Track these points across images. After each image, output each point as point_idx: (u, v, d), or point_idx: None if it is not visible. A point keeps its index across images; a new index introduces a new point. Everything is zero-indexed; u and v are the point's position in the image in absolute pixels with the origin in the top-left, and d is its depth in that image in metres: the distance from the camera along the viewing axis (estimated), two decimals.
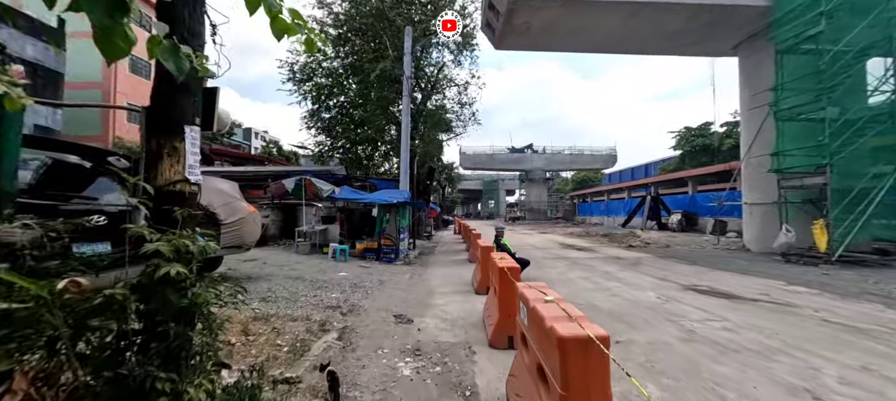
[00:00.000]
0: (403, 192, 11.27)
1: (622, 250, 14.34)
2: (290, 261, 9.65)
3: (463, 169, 49.83)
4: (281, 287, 6.56)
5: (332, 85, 17.78)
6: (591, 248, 15.33)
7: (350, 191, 11.36)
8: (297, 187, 10.93)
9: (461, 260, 11.51)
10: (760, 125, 12.37)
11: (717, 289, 7.14)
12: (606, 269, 9.64)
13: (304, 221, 10.98)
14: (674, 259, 11.55)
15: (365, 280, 7.62)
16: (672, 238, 18.38)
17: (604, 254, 13.06)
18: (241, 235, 6.66)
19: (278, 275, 7.76)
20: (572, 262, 11.00)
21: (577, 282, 7.85)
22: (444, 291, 6.92)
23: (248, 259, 9.59)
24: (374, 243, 10.53)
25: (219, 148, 30.47)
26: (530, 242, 18.68)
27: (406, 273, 8.76)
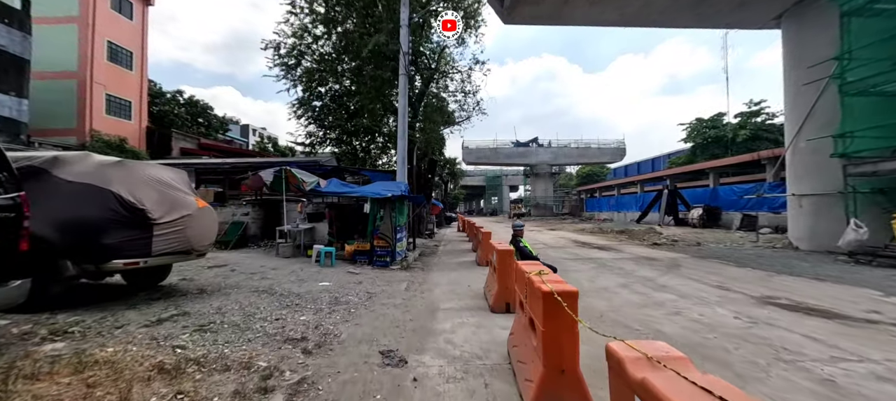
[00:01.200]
0: (400, 184, 9.68)
1: (648, 249, 12.72)
2: (265, 267, 8.09)
3: (466, 164, 48.17)
4: (237, 306, 4.99)
5: (324, 70, 16.15)
6: (612, 246, 13.71)
7: (339, 184, 9.79)
8: (276, 180, 9.36)
9: (468, 262, 9.94)
10: (813, 104, 10.69)
11: (804, 303, 5.52)
12: (643, 273, 8.04)
13: (286, 218, 9.41)
14: (715, 260, 9.93)
15: (350, 293, 6.05)
16: (699, 235, 16.71)
17: (630, 253, 11.45)
18: (185, 237, 5.10)
19: (243, 287, 6.20)
20: (598, 264, 9.39)
21: (617, 292, 6.25)
22: (450, 307, 5.34)
23: (214, 265, 8.05)
24: (366, 245, 8.97)
25: (208, 142, 29.05)
26: (541, 239, 17.07)
27: (403, 281, 7.19)
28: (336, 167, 11.48)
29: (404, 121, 10.56)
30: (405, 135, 10.68)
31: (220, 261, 8.67)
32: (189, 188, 5.68)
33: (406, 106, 10.76)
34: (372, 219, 9.15)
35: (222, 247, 10.62)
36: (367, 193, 8.95)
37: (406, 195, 9.52)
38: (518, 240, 6.53)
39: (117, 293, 5.55)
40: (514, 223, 6.85)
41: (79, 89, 20.04)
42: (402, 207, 10.05)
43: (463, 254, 11.95)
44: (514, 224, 6.82)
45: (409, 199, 10.34)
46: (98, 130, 19.82)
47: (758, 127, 30.92)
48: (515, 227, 6.76)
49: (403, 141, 10.63)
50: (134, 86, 22.79)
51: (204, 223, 5.45)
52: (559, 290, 2.48)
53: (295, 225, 10.20)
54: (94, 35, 20.35)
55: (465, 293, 6.30)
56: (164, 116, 31.19)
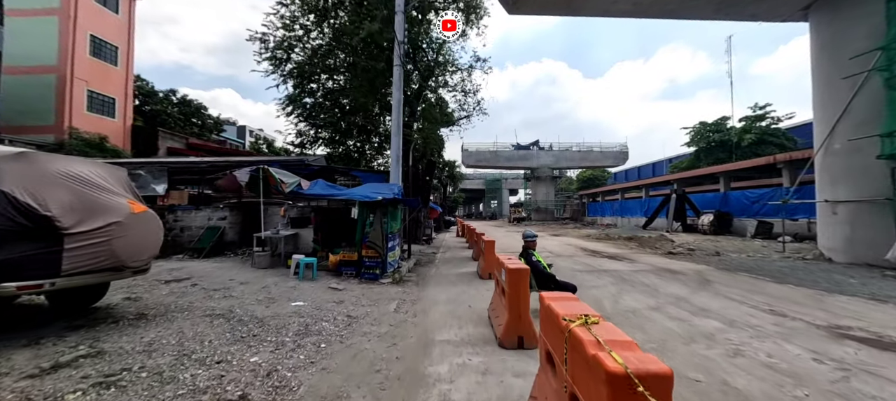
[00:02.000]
0: (393, 186, 8.62)
1: (665, 259, 11.65)
2: (234, 281, 6.99)
3: (465, 167, 47.16)
4: (176, 340, 3.91)
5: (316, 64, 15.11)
6: (624, 255, 12.64)
7: (325, 185, 8.70)
8: (253, 180, 8.28)
9: (469, 274, 8.86)
10: (849, 101, 9.68)
11: (887, 335, 4.45)
12: (671, 289, 6.96)
13: (262, 223, 8.32)
14: (745, 273, 8.86)
15: (326, 317, 4.96)
16: (714, 242, 15.66)
17: (647, 264, 10.38)
18: (111, 250, 4.01)
19: (196, 309, 5.10)
20: (616, 278, 8.31)
21: (650, 317, 5.17)
22: (447, 339, 4.26)
23: (174, 279, 6.95)
24: (354, 254, 7.88)
25: (198, 142, 27.95)
26: (547, 246, 16.00)
27: (393, 300, 6.10)
28: (324, 167, 10.42)
29: (399, 115, 9.52)
30: (400, 132, 9.63)
31: (184, 272, 7.58)
32: (124, 188, 4.60)
33: (401, 100, 9.72)
34: (360, 225, 8.07)
35: (194, 255, 9.52)
36: (354, 195, 7.88)
37: (400, 198, 8.46)
38: (530, 253, 5.46)
39: (29, 318, 4.46)
40: (525, 233, 5.77)
41: (58, 85, 18.96)
42: (396, 211, 8.97)
43: (463, 263, 10.86)
44: (525, 234, 5.75)
45: (404, 202, 9.27)
46: (77, 127, 18.72)
47: (763, 131, 30.14)
48: (527, 237, 5.69)
49: (398, 138, 9.57)
50: (119, 82, 21.73)
51: (140, 232, 4.37)
52: (641, 371, 1.40)
53: (275, 231, 9.11)
54: (76, 28, 19.32)
55: (466, 316, 5.22)
56: (156, 115, 30.19)
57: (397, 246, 9.16)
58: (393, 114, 9.69)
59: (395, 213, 8.91)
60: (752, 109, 32.68)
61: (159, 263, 8.60)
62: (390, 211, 8.41)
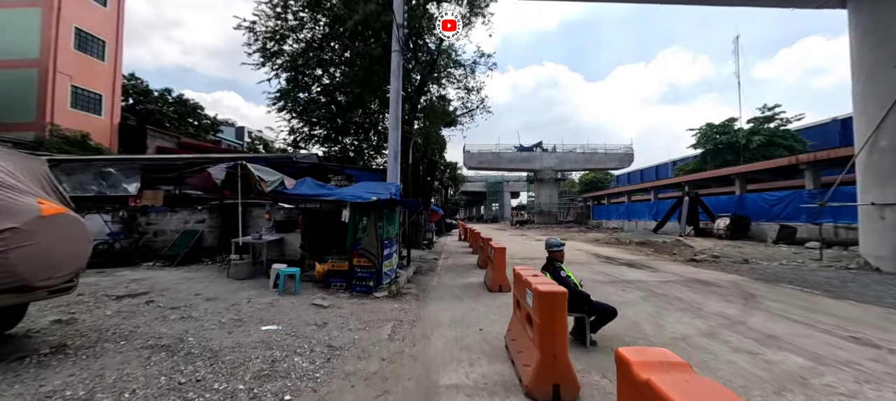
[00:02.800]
0: (390, 185, 7.58)
1: (690, 267, 10.60)
2: (200, 296, 5.95)
3: (467, 169, 46.11)
4: (92, 386, 2.87)
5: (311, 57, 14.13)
6: (643, 262, 11.58)
7: (313, 184, 7.66)
8: (230, 177, 7.25)
9: (475, 285, 7.81)
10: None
11: None
12: (716, 307, 5.91)
13: (240, 227, 7.25)
14: (789, 285, 7.81)
15: (301, 347, 3.93)
16: (737, 248, 14.58)
17: (673, 273, 9.33)
18: (6, 264, 2.98)
19: (138, 337, 4.07)
20: (644, 290, 7.26)
21: (708, 349, 4.12)
22: (457, 384, 3.21)
23: (130, 293, 5.92)
24: (344, 263, 6.84)
25: (190, 141, 26.95)
26: None
27: (387, 321, 5.05)
28: (316, 165, 9.40)
29: (397, 107, 8.51)
30: (398, 126, 8.61)
31: (145, 285, 6.54)
32: (38, 184, 3.57)
33: (399, 90, 8.71)
34: (351, 230, 7.04)
35: (166, 263, 8.48)
36: (344, 196, 6.85)
37: (398, 199, 7.42)
38: (557, 267, 4.41)
39: None
40: (550, 241, 4.71)
41: (40, 79, 18.01)
42: (393, 214, 7.94)
43: (467, 271, 9.81)
44: (550, 243, 4.69)
45: (402, 204, 8.24)
46: (59, 124, 17.74)
47: (773, 133, 29.26)
48: (553, 246, 4.62)
49: (396, 132, 8.55)
50: (105, 78, 20.78)
51: (53, 241, 3.33)
52: None
53: (257, 236, 8.07)
54: (60, 20, 18.39)
55: (477, 347, 4.17)
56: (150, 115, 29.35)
57: (395, 253, 8.12)
58: (390, 106, 8.68)
59: (392, 216, 7.87)
60: (760, 111, 31.92)
61: (122, 273, 7.57)
62: (386, 214, 7.37)
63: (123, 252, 8.65)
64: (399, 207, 8.28)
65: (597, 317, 4.20)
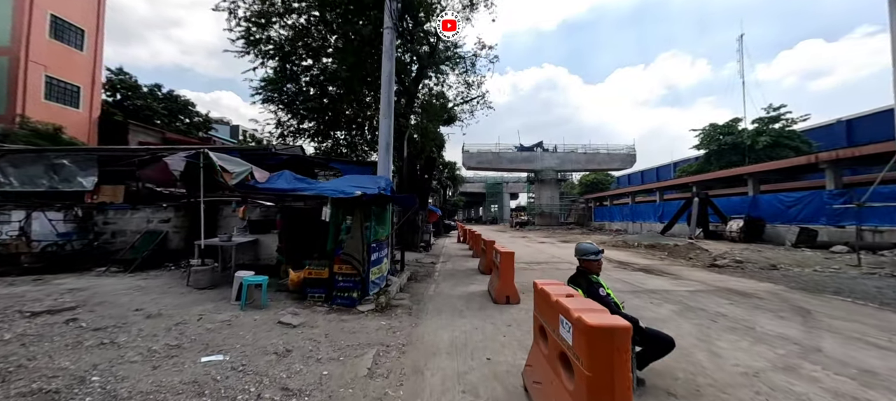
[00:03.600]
0: (380, 179, 6.51)
1: (713, 274, 9.59)
2: (140, 312, 4.85)
3: (466, 169, 45.06)
4: None
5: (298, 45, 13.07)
6: (661, 268, 10.55)
7: (291, 177, 6.56)
8: (191, 169, 6.15)
9: (478, 294, 6.75)
10: None
11: None
12: (770, 325, 4.86)
13: (202, 228, 6.13)
14: (834, 295, 6.78)
15: (245, 392, 2.84)
16: (757, 252, 13.56)
17: (699, 281, 8.29)
18: None
19: (27, 374, 2.99)
20: (676, 303, 6.21)
21: (800, 394, 3.06)
22: None
23: (48, 309, 4.81)
24: (323, 270, 5.75)
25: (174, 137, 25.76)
26: (559, 255, 13.92)
27: (370, 346, 3.98)
28: (297, 157, 8.31)
29: (389, 90, 7.45)
30: (390, 112, 7.55)
31: (78, 296, 5.43)
32: None
33: (392, 71, 7.65)
34: (333, 231, 5.96)
35: (122, 268, 7.36)
36: (324, 190, 5.76)
37: (388, 195, 6.34)
38: (594, 283, 3.32)
39: None
40: (582, 247, 3.56)
41: (11, 68, 16.85)
42: (383, 212, 6.86)
43: (468, 277, 8.75)
44: (583, 248, 3.53)
45: (395, 200, 7.17)
46: (32, 116, 16.57)
47: (779, 133, 28.62)
48: (585, 254, 3.50)
49: (388, 120, 7.49)
50: (84, 69, 19.63)
51: None
52: None
53: (226, 238, 6.97)
54: (33, 6, 17.25)
55: (486, 387, 3.11)
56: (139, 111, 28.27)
57: (385, 257, 7.03)
58: (382, 90, 7.62)
59: (382, 214, 6.80)
60: (765, 111, 31.32)
61: (63, 281, 6.45)
62: (375, 212, 6.30)
63: (75, 256, 7.55)
64: (391, 204, 7.20)
65: (646, 348, 3.14)
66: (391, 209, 7.46)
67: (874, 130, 25.24)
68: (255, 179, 6.06)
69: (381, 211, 6.87)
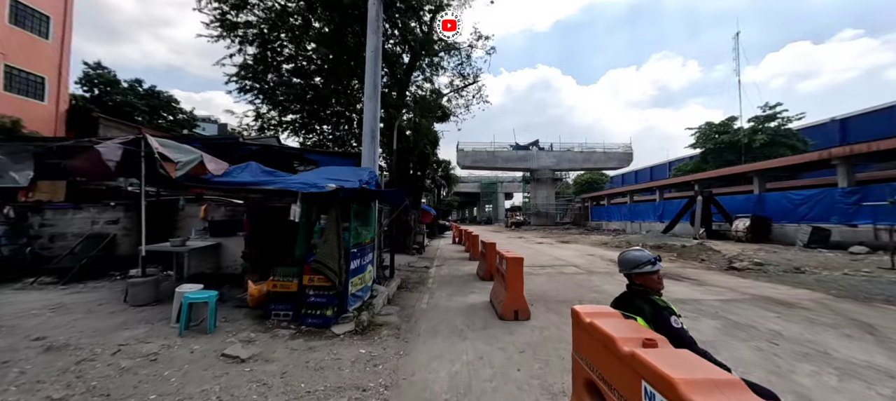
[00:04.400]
0: (363, 171, 5.44)
1: (733, 278, 8.71)
2: (43, 341, 3.72)
3: (461, 168, 44.04)
4: None
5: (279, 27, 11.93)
6: (677, 273, 9.64)
7: (258, 170, 5.46)
8: (130, 157, 5.02)
9: (480, 306, 5.72)
10: None
11: None
12: (844, 349, 3.91)
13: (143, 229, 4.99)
14: (890, 305, 5.89)
15: None
16: (774, 253, 12.75)
17: (725, 287, 7.36)
18: None
19: None
20: (713, 316, 5.24)
21: None
22: None
23: None
24: (291, 283, 4.67)
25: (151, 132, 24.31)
26: (563, 257, 12.95)
27: (340, 393, 2.91)
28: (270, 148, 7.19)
29: (375, 68, 6.38)
30: (377, 94, 6.48)
31: None
32: None
33: (378, 48, 6.58)
34: (303, 233, 4.88)
35: (58, 278, 6.17)
36: (290, 184, 4.68)
37: (372, 190, 5.27)
38: (662, 308, 2.24)
39: None
40: (630, 257, 2.32)
41: None
42: (367, 211, 5.80)
43: (467, 285, 7.71)
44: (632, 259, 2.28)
45: (380, 197, 6.10)
46: None
47: (775, 132, 28.41)
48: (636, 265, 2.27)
49: (373, 103, 6.42)
50: (49, 58, 18.18)
51: None
52: None
53: (180, 242, 5.84)
54: None
55: None
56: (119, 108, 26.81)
57: (370, 264, 5.96)
58: (367, 69, 6.55)
59: (365, 214, 5.73)
60: (761, 109, 31.20)
61: None
62: (356, 211, 5.23)
63: (2, 264, 6.35)
64: (376, 201, 6.13)
65: None
66: (377, 208, 6.39)
67: (870, 129, 25.05)
68: (211, 172, 4.94)
69: (365, 210, 5.80)
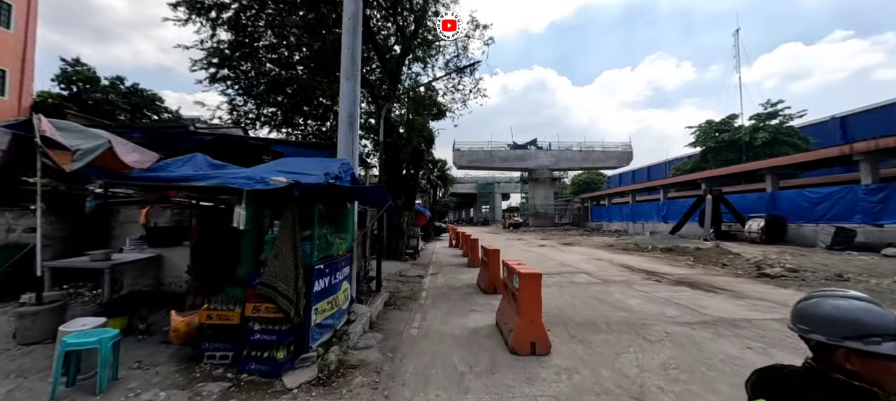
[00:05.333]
0: (333, 163, 4.21)
1: (771, 287, 7.61)
2: None
3: (457, 168, 42.85)
4: None
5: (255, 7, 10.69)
6: (703, 281, 8.51)
7: (203, 162, 4.23)
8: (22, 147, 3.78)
9: (484, 332, 4.53)
10: None
11: None
12: None
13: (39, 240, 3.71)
14: None
15: None
16: (801, 255, 11.68)
17: (773, 301, 6.23)
18: None
19: None
20: (795, 349, 4.08)
21: None
22: None
23: None
24: (232, 313, 3.44)
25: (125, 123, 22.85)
26: (570, 262, 11.75)
27: None
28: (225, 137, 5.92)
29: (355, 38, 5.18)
30: (356, 71, 5.27)
31: None
32: None
33: (358, 15, 5.36)
34: (247, 245, 3.65)
35: None
36: (224, 179, 3.45)
37: (347, 186, 4.04)
38: None
39: None
40: (845, 313, 1.02)
41: None
42: (340, 214, 4.57)
43: (465, 300, 6.51)
44: (850, 319, 1.01)
45: (354, 194, 4.87)
46: None
47: (777, 129, 27.82)
48: (866, 336, 0.98)
49: (352, 82, 5.21)
50: (11, 50, 16.76)
51: None
52: None
53: (102, 256, 4.58)
54: None
55: None
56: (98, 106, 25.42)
57: (347, 281, 4.73)
58: (343, 40, 5.33)
59: (339, 217, 4.51)
60: (763, 107, 30.73)
61: None
62: (324, 213, 4.00)
63: None
64: (353, 201, 4.90)
65: None
66: (355, 209, 5.16)
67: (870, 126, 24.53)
68: (131, 164, 3.70)
69: (339, 212, 4.57)
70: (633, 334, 4.66)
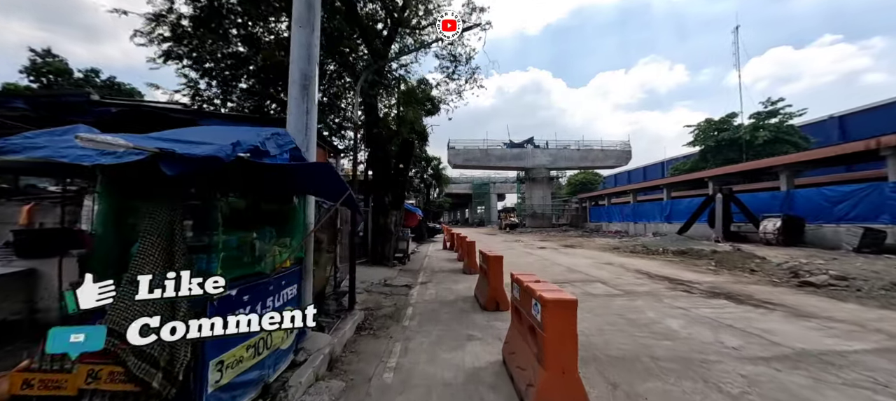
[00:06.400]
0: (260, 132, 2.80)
1: (826, 300, 6.34)
2: None
3: (452, 167, 41.44)
4: None
5: None
6: (741, 292, 7.21)
7: None
8: None
9: (486, 372, 3.13)
10: None
11: None
12: None
13: None
14: None
15: None
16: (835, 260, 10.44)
17: (849, 321, 4.93)
18: None
19: None
20: None
21: None
22: None
23: None
24: (67, 375, 2.00)
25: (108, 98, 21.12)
26: (573, 266, 10.38)
27: None
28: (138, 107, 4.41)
29: None
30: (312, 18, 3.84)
31: None
32: None
33: None
34: (98, 260, 2.20)
35: None
36: (66, 152, 2.01)
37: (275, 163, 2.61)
38: None
39: None
40: None
41: None
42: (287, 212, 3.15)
43: (459, 320, 5.11)
44: None
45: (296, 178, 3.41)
46: None
47: (777, 128, 27.23)
48: None
49: (306, 30, 3.79)
50: None
51: None
52: None
53: None
54: None
55: None
56: None
57: (291, 307, 3.30)
58: None
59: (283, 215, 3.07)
60: (763, 105, 30.28)
61: None
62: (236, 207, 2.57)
63: None
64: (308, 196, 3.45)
65: None
66: (311, 206, 3.72)
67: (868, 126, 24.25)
68: None
69: (278, 210, 3.14)
70: (698, 378, 3.31)
